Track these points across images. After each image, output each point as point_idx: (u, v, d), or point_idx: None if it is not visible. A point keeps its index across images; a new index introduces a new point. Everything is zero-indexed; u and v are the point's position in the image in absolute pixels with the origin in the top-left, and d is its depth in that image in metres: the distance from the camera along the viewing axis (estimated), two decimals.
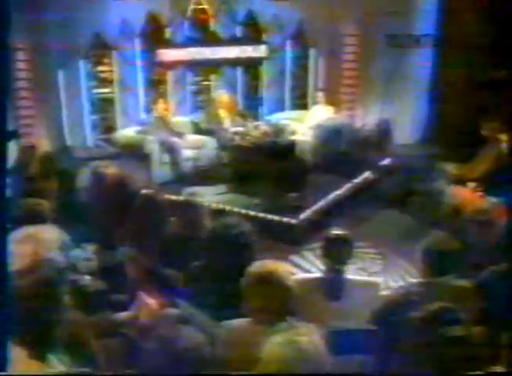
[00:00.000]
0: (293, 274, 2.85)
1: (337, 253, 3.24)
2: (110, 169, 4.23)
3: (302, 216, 6.04)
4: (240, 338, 2.40)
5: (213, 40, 8.14)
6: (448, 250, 3.15)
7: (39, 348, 1.98)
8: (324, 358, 1.86)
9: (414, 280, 3.39)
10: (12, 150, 5.70)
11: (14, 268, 2.14)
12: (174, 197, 5.16)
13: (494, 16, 7.07)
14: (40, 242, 2.13)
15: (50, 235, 2.22)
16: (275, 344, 1.87)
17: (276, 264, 2.55)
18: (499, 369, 2.24)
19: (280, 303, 2.42)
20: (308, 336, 1.87)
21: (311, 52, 8.89)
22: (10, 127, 6.55)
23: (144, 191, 3.85)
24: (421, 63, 8.18)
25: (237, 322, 2.51)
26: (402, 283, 5.01)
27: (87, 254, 3.42)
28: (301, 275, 3.60)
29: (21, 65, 7.19)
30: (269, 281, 2.44)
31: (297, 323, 2.25)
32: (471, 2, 7.50)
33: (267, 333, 2.10)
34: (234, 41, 8.25)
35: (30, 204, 3.20)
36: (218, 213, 5.27)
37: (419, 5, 8.09)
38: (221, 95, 8.05)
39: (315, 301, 3.12)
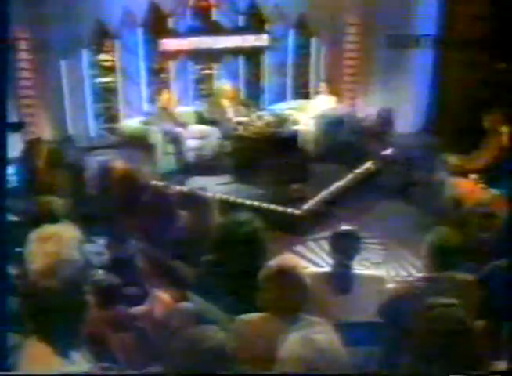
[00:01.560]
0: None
1: (344, 248, 3.31)
2: (119, 163, 4.27)
3: (306, 206, 6.10)
4: (256, 331, 2.44)
5: (215, 29, 8.13)
6: (453, 245, 3.22)
7: (63, 345, 2.04)
8: (341, 356, 1.91)
9: (419, 274, 3.46)
10: (17, 141, 5.75)
11: (35, 267, 2.19)
12: (183, 190, 5.20)
13: (495, 10, 7.08)
14: (61, 241, 2.17)
15: (70, 234, 2.26)
16: (292, 342, 1.92)
17: (295, 259, 2.60)
18: (500, 364, 2.28)
19: (298, 298, 2.48)
20: (325, 334, 1.93)
21: (313, 42, 8.90)
22: (13, 117, 6.55)
23: (154, 184, 3.89)
24: (423, 53, 8.19)
25: (253, 316, 2.56)
26: (404, 273, 5.11)
27: (98, 248, 3.47)
28: (309, 269, 3.66)
29: (23, 55, 7.18)
30: (290, 276, 2.49)
31: (313, 320, 2.32)
32: None
33: (283, 327, 2.16)
34: (236, 30, 8.25)
35: (43, 203, 3.22)
36: (222, 204, 5.32)
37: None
38: (224, 85, 8.07)
39: (324, 295, 3.19)
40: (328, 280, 3.27)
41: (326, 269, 3.49)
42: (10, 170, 5.42)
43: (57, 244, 2.23)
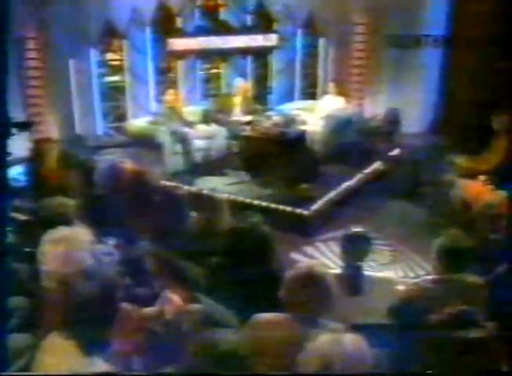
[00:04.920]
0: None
1: (355, 250, 3.30)
2: (128, 163, 4.26)
3: (314, 207, 6.09)
4: (273, 331, 2.40)
5: (223, 29, 8.13)
6: (463, 247, 3.21)
7: (89, 345, 2.05)
8: (367, 359, 1.91)
9: (428, 276, 3.45)
10: (26, 141, 5.76)
11: (47, 269, 2.20)
12: (193, 191, 5.21)
13: (505, 10, 7.06)
14: (74, 244, 2.19)
15: (82, 236, 2.27)
16: (321, 341, 1.91)
17: (322, 265, 2.59)
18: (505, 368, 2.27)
19: (322, 303, 2.48)
20: (353, 337, 1.93)
21: (321, 41, 8.91)
22: (21, 116, 6.54)
23: (164, 184, 3.88)
24: (431, 53, 8.17)
25: (271, 316, 2.53)
26: (412, 274, 5.10)
27: (108, 248, 3.46)
28: None
29: (32, 54, 7.20)
30: (319, 281, 2.48)
31: (332, 326, 2.31)
32: None
33: (301, 330, 2.14)
34: (244, 30, 8.26)
35: (52, 205, 3.20)
36: (231, 204, 5.32)
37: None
38: (241, 83, 8.08)
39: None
40: (338, 282, 3.26)
41: (336, 270, 3.49)
42: (19, 170, 5.45)
43: (69, 246, 2.25)
